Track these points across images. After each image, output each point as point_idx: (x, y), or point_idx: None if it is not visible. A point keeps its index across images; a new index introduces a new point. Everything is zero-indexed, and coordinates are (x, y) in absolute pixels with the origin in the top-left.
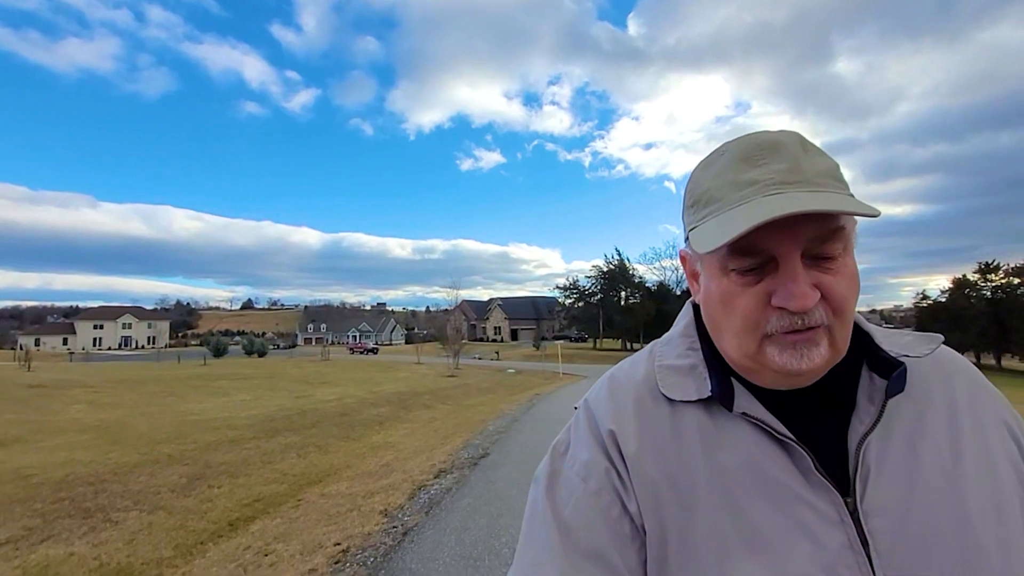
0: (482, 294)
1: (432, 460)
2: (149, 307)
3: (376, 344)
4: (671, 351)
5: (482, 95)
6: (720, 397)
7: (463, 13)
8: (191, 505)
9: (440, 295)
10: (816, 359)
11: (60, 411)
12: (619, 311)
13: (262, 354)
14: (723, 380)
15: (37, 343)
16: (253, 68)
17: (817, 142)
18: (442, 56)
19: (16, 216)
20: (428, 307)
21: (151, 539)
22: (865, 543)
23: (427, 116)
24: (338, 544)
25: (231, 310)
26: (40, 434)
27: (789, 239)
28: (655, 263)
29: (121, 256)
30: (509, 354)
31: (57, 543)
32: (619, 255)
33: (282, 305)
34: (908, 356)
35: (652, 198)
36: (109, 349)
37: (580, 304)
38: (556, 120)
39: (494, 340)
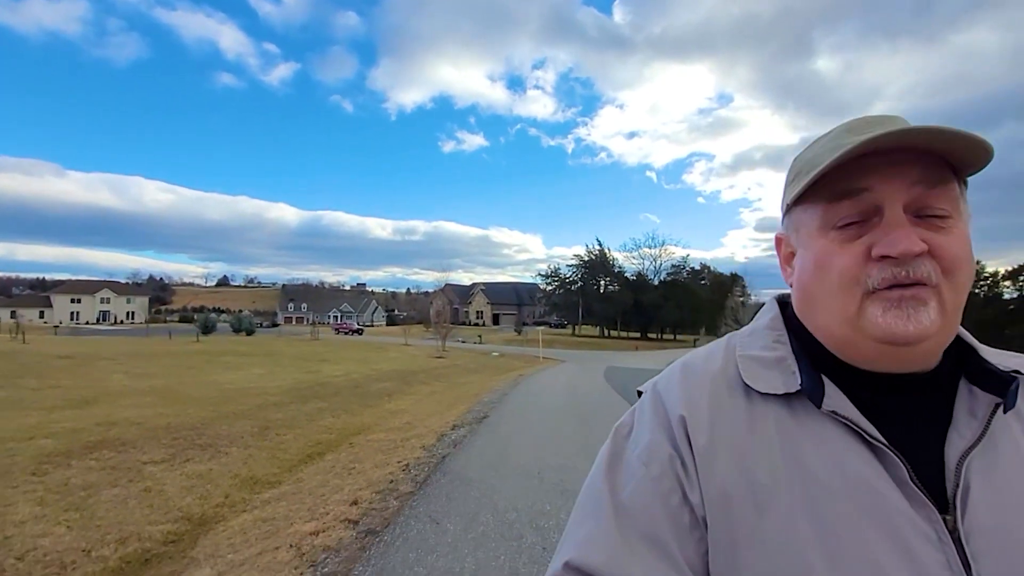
0: (463, 277)
1: (445, 419)
2: (120, 281)
3: (360, 325)
4: (756, 342)
5: (466, 76)
6: (809, 392)
7: None
8: (271, 445)
9: (421, 277)
10: (924, 321)
11: (106, 379)
12: (598, 299)
13: (250, 332)
14: (813, 375)
15: (13, 315)
16: (229, 38)
17: (796, 138)
18: (425, 34)
19: None
20: (409, 289)
21: (257, 462)
22: (967, 566)
23: (409, 95)
24: (400, 461)
25: (206, 286)
26: (109, 396)
27: (892, 180)
28: (635, 251)
29: (89, 227)
30: (491, 338)
31: (195, 463)
32: (600, 245)
33: (259, 283)
34: (1020, 374)
35: (634, 187)
36: (87, 323)
37: (561, 291)
38: (540, 105)
39: (476, 324)
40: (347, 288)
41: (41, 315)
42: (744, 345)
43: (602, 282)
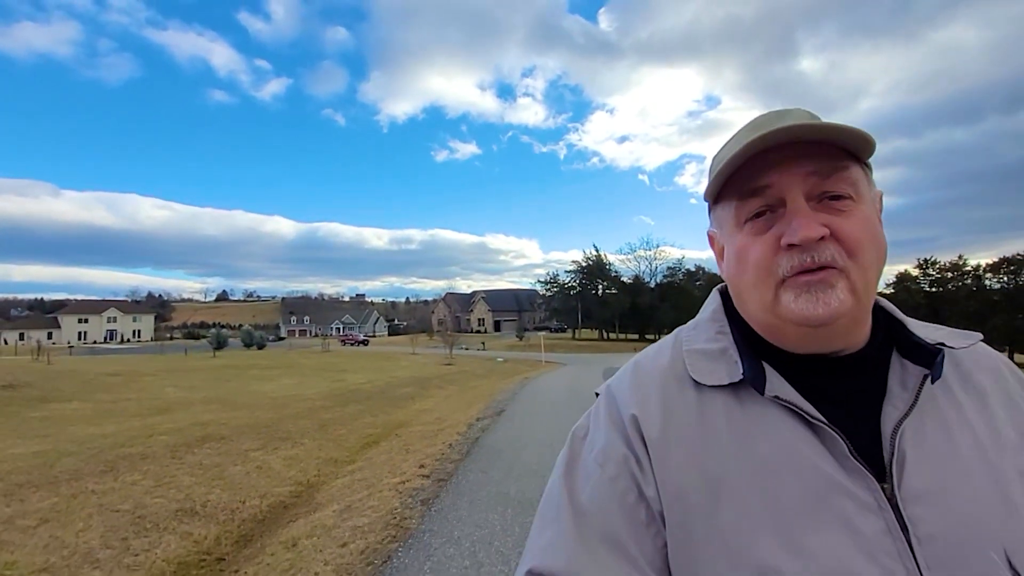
0: (461, 284)
1: (468, 414)
2: (123, 299)
3: (365, 336)
4: (699, 336)
5: (456, 86)
6: (752, 380)
7: (434, 2)
8: (333, 437)
9: (419, 286)
10: (833, 302)
11: (162, 392)
12: (596, 303)
13: (261, 346)
14: (754, 364)
15: (22, 337)
16: (221, 55)
17: None
18: (414, 46)
19: None
20: (408, 298)
21: (329, 449)
22: (905, 529)
23: (400, 107)
24: (444, 443)
25: (205, 302)
26: (178, 405)
27: (788, 174)
28: (631, 254)
29: (85, 246)
30: (494, 344)
31: (284, 450)
32: (596, 251)
33: (258, 297)
34: (944, 346)
35: (627, 190)
36: (95, 343)
37: (560, 297)
38: (531, 112)
39: (478, 331)
40: (346, 299)
41: (49, 336)
42: (689, 340)
43: (600, 286)
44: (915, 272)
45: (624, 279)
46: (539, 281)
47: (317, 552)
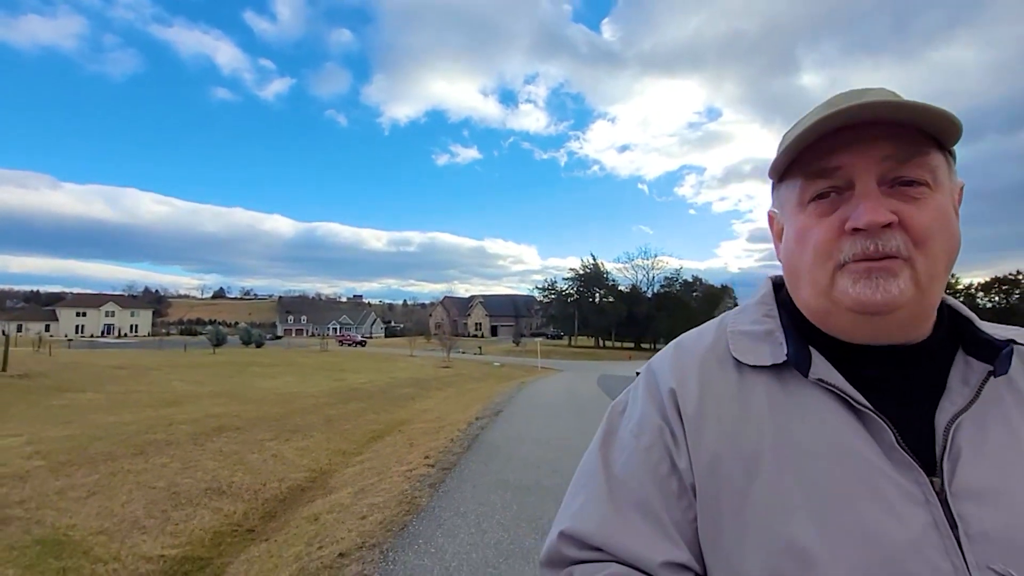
0: (458, 288)
1: (467, 414)
2: (120, 294)
3: (362, 337)
4: (746, 318)
5: (459, 90)
6: (796, 362)
7: (438, 8)
8: (340, 431)
9: (417, 288)
10: (894, 290)
11: (169, 385)
12: (593, 311)
13: (259, 344)
14: (800, 346)
15: (20, 328)
16: (225, 54)
17: None
18: (418, 50)
19: None
20: (405, 300)
21: (338, 441)
22: (953, 526)
23: (403, 110)
24: (446, 438)
25: (202, 298)
26: (188, 398)
27: (862, 156)
28: (629, 263)
29: (83, 239)
30: (491, 349)
31: (295, 441)
32: (594, 259)
33: (255, 295)
34: (1014, 342)
35: (626, 199)
36: (92, 336)
37: (557, 304)
38: (532, 119)
39: (475, 336)
40: (344, 300)
41: (47, 328)
42: (735, 321)
43: (597, 295)
44: None
45: (621, 288)
46: (537, 288)
47: (339, 524)
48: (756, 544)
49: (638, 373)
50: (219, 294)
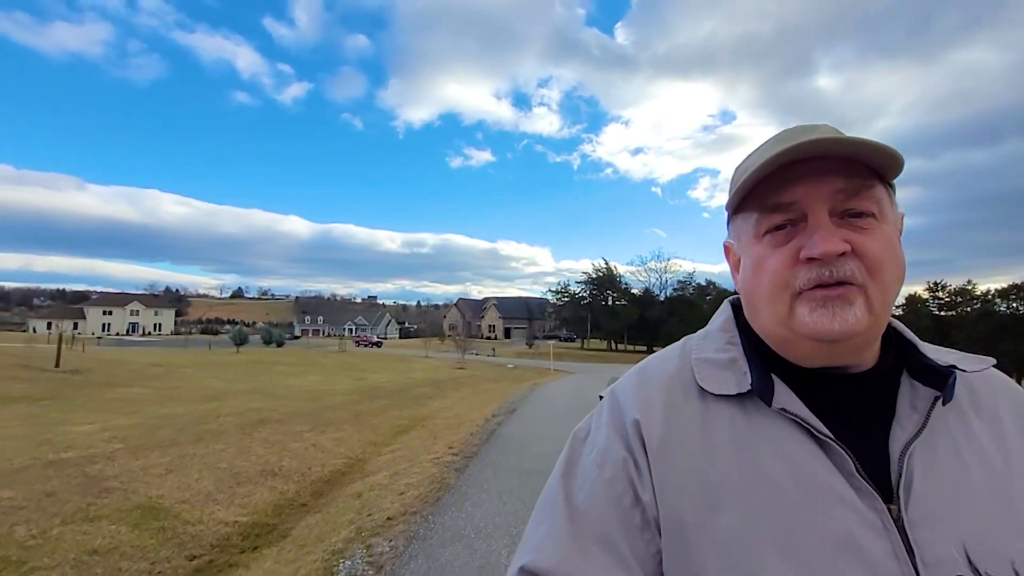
0: (472, 289)
1: (484, 412)
2: (142, 293)
3: (378, 338)
4: (709, 345)
5: (472, 94)
6: (760, 391)
7: (453, 13)
8: (369, 425)
9: (430, 289)
10: (850, 319)
11: (205, 382)
12: (606, 314)
13: (280, 344)
14: (763, 375)
15: (49, 326)
16: (245, 59)
17: None
18: (432, 55)
19: (1, 196)
20: (419, 301)
21: (368, 434)
22: (911, 552)
23: (417, 113)
24: (467, 432)
25: (221, 298)
26: (227, 394)
27: (814, 190)
28: (642, 266)
29: (106, 239)
30: (504, 351)
31: (330, 433)
32: (606, 263)
33: (272, 295)
34: (956, 368)
35: (640, 202)
36: (118, 334)
37: (570, 306)
38: (546, 122)
39: (488, 338)
40: (359, 301)
41: (75, 326)
42: (698, 348)
43: (609, 297)
44: (925, 295)
45: (634, 291)
46: (550, 290)
47: (381, 498)
48: None
49: (601, 396)
50: (237, 294)
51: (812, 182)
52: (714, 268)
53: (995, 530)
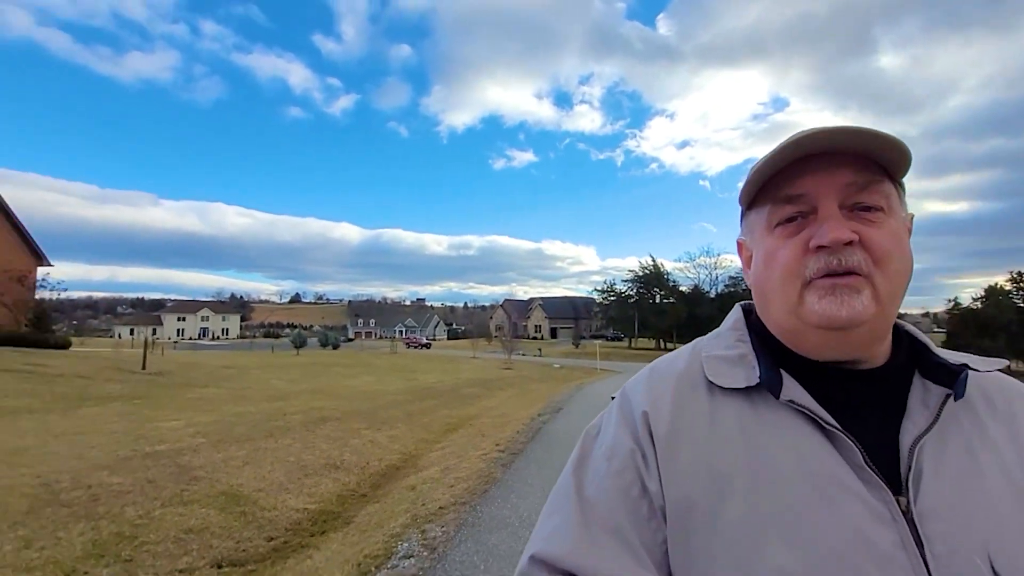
0: (517, 290)
1: (530, 412)
2: (211, 300)
3: (427, 340)
4: (719, 343)
5: (513, 95)
6: (768, 384)
7: (492, 17)
8: (420, 424)
9: (477, 291)
10: (857, 306)
11: (271, 383)
12: (653, 313)
13: (335, 346)
14: (772, 369)
15: (131, 332)
16: (297, 75)
17: None
18: (473, 59)
19: (88, 214)
20: (466, 303)
21: (419, 431)
22: (919, 545)
23: (460, 117)
24: (513, 430)
25: (280, 303)
26: (290, 394)
27: (825, 183)
28: (691, 262)
29: (178, 250)
30: (550, 351)
31: (384, 431)
32: (653, 260)
33: (327, 300)
34: (968, 367)
35: (687, 196)
36: (191, 339)
37: (616, 305)
38: (588, 119)
39: (535, 338)
40: (408, 303)
41: (154, 332)
42: (708, 347)
43: (657, 295)
44: (1008, 286)
45: (682, 288)
46: (596, 289)
47: (433, 490)
48: (727, 566)
49: (613, 397)
50: (295, 299)
51: (822, 176)
52: None
53: (1015, 529)
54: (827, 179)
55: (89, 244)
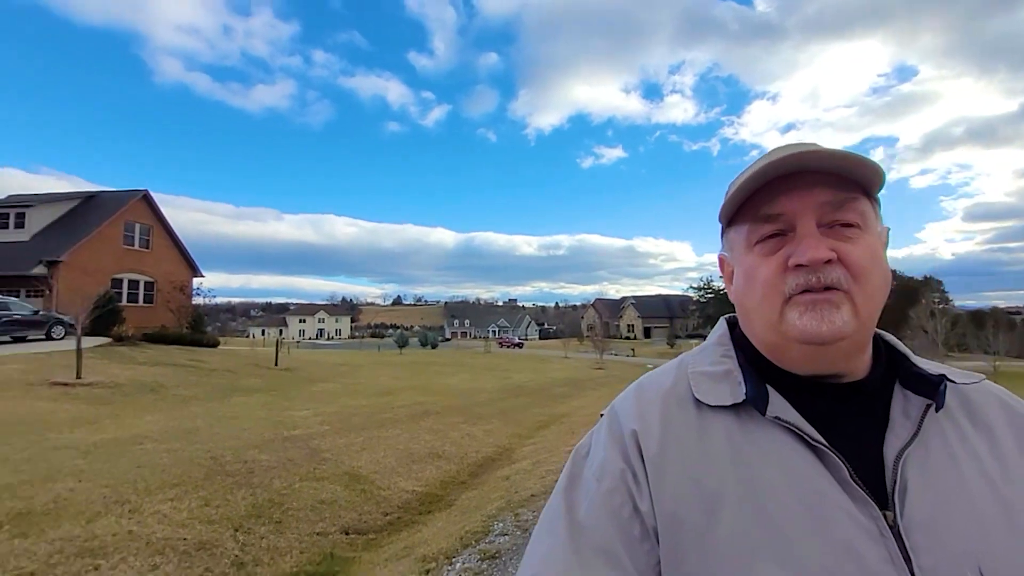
0: (609, 289)
1: None
2: (324, 303)
3: (519, 339)
4: (705, 359)
5: (600, 92)
6: (754, 401)
7: (577, 16)
8: (513, 420)
9: (567, 291)
10: (838, 322)
11: (378, 379)
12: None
13: (434, 346)
14: (758, 385)
15: (262, 333)
16: (395, 92)
17: (1015, 104)
18: (558, 60)
19: (227, 229)
20: (557, 303)
21: (513, 427)
22: (907, 559)
23: (547, 119)
24: None
25: (384, 305)
26: (396, 390)
27: (802, 202)
28: None
29: (298, 259)
30: (644, 351)
31: (480, 426)
32: None
33: (425, 301)
34: (946, 379)
35: None
36: (310, 339)
37: (714, 303)
38: (680, 110)
39: (627, 338)
40: (500, 304)
41: (280, 332)
42: (694, 363)
43: None
44: None
45: None
46: (692, 287)
47: (525, 480)
48: None
49: (602, 414)
50: (397, 301)
51: (800, 195)
52: (897, 253)
53: (999, 539)
54: (804, 198)
55: (228, 256)
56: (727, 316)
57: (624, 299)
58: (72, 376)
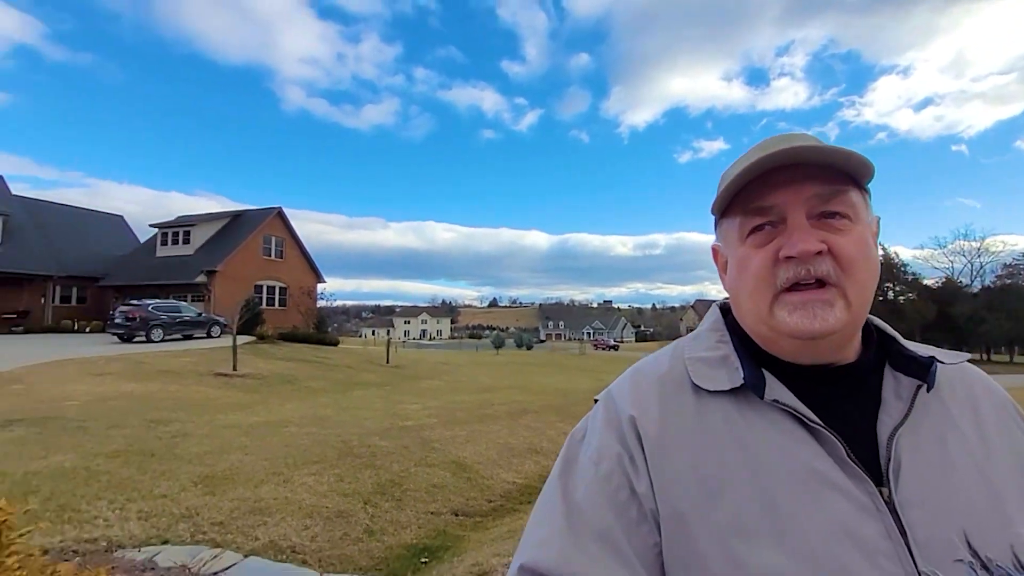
0: (710, 289)
1: None
2: (427, 305)
3: (615, 342)
4: (700, 345)
5: (697, 83)
6: (752, 385)
7: (670, 6)
8: None
9: (664, 292)
10: (830, 319)
11: (479, 378)
12: (885, 314)
13: (529, 347)
14: (754, 370)
15: (373, 333)
16: (489, 100)
17: None
18: (651, 54)
19: (341, 238)
20: (654, 304)
21: None
22: (903, 533)
23: (640, 115)
24: None
25: (481, 307)
26: (495, 388)
27: (793, 194)
28: (942, 248)
29: (402, 264)
30: None
31: (575, 424)
32: (883, 249)
33: (520, 303)
34: (935, 360)
35: (933, 167)
36: (415, 339)
37: None
38: (789, 94)
39: None
40: (594, 306)
41: (387, 332)
42: (690, 348)
43: (890, 291)
44: None
45: (927, 282)
46: None
47: None
48: (721, 567)
49: (596, 400)
50: (493, 303)
51: (791, 187)
52: None
53: (986, 513)
54: (795, 190)
55: (343, 262)
56: (719, 302)
57: (726, 299)
58: (230, 368)
